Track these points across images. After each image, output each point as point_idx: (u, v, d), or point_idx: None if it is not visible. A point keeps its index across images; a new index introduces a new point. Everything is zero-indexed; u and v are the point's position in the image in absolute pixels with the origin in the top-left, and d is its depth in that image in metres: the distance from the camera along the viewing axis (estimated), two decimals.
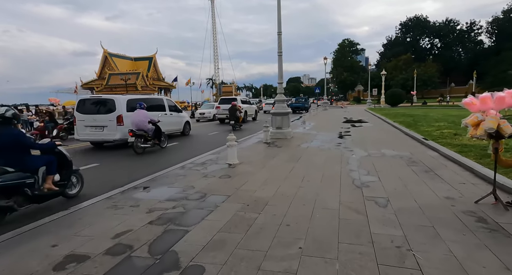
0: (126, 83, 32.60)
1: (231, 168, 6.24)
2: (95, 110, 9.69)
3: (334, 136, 10.77)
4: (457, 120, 12.86)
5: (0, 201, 3.50)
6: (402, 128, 11.49)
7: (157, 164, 7.16)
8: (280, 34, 10.65)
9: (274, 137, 10.63)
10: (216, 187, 4.82)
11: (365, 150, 7.75)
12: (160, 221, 3.46)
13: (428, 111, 22.21)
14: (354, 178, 5.11)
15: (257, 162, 6.73)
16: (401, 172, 5.36)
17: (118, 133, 9.32)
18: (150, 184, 5.10)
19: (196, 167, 6.40)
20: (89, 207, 4.02)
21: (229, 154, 6.71)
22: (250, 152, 8.00)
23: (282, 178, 5.24)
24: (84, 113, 9.68)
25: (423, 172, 5.29)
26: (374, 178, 5.04)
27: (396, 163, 6.11)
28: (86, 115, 9.63)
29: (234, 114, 15.20)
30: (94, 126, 9.56)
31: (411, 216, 3.38)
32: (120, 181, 5.45)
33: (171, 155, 8.51)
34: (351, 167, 5.94)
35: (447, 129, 10.09)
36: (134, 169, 6.80)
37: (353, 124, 14.95)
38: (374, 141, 9.24)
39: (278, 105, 11.08)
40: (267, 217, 3.49)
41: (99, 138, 9.69)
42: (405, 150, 7.48)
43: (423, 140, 8.46)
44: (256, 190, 4.58)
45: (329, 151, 7.81)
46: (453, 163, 5.83)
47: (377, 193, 4.26)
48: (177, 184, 5.05)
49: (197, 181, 5.22)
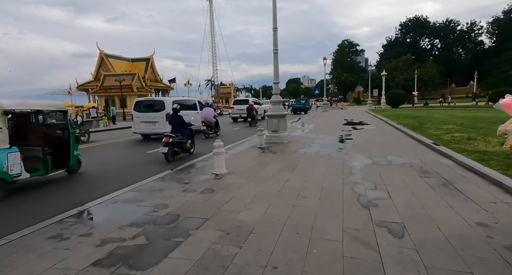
0: (121, 84, 31.74)
1: (217, 179, 5.44)
2: (148, 109, 12.06)
3: (335, 140, 9.97)
4: (466, 123, 12.08)
5: (175, 149, 7.61)
6: (408, 131, 10.68)
7: (156, 167, 6.35)
8: (275, 30, 9.88)
9: (269, 141, 9.83)
10: (194, 206, 4.01)
11: (369, 156, 6.95)
12: (109, 260, 2.64)
13: (432, 113, 21.41)
14: (359, 193, 4.30)
15: (248, 171, 5.93)
16: (414, 186, 4.56)
17: (166, 127, 10.54)
18: (118, 200, 4.30)
19: (179, 174, 5.58)
20: (26, 238, 3.19)
21: (216, 162, 5.92)
22: (242, 159, 7.20)
23: (274, 193, 4.44)
24: (139, 111, 12.14)
25: (440, 186, 4.49)
26: (383, 194, 4.23)
27: (406, 174, 5.30)
28: (141, 113, 12.07)
29: (251, 113, 18.04)
30: (147, 121, 11.93)
31: (439, 254, 2.57)
32: (89, 195, 4.65)
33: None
34: (354, 178, 5.14)
35: (457, 132, 9.28)
36: (115, 176, 5.98)
37: (354, 127, 14.15)
38: (378, 145, 8.44)
39: (274, 107, 10.29)
40: (250, 254, 2.68)
41: (152, 131, 12.03)
42: (414, 157, 6.68)
43: (433, 145, 7.66)
44: (241, 210, 3.78)
45: (329, 158, 7.00)
46: (474, 174, 5.02)
47: (389, 216, 3.45)
48: (148, 201, 4.23)
49: (174, 197, 4.41)
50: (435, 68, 59.50)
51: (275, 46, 9.93)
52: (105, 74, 38.93)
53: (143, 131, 12.21)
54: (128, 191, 4.78)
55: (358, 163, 6.33)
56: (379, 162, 6.32)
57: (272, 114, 10.07)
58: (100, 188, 5.28)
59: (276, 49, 9.94)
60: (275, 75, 10.08)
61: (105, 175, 6.46)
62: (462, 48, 73.65)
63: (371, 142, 9.18)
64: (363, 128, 13.69)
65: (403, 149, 7.83)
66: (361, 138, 10.10)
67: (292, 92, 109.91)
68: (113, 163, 7.79)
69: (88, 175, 6.49)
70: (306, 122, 16.28)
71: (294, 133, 12.22)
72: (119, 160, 8.20)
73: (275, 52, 9.97)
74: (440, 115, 18.19)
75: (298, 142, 9.78)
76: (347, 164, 6.22)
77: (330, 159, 6.87)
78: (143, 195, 4.56)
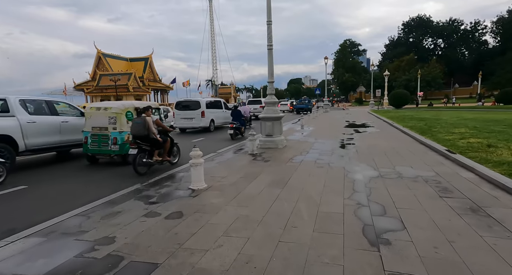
0: (116, 84, 30.83)
1: (192, 197, 4.50)
2: (187, 108, 14.94)
3: (335, 145, 9.01)
4: (479, 126, 11.07)
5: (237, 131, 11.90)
6: (416, 136, 9.70)
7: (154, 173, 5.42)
8: (270, 24, 8.92)
9: (263, 146, 8.89)
10: (150, 240, 3.06)
11: (374, 167, 6.00)
12: None
13: (438, 114, 20.37)
14: (364, 222, 3.35)
15: (231, 186, 4.99)
16: (434, 211, 3.60)
17: (201, 122, 14.69)
18: (56, 230, 3.36)
19: (149, 190, 4.63)
20: None
21: (193, 176, 4.99)
22: (228, 169, 6.26)
23: (257, 220, 3.49)
24: (179, 110, 15.19)
25: (468, 212, 3.53)
26: (396, 223, 3.28)
27: (422, 192, 4.34)
28: (181, 111, 15.04)
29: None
30: (186, 118, 14.82)
31: None
32: (31, 219, 3.71)
33: None
34: (358, 197, 4.19)
35: (473, 137, 8.29)
36: (87, 188, 5.04)
37: (356, 130, 13.18)
38: (384, 152, 7.48)
39: (268, 109, 9.32)
40: None
41: (189, 126, 15.00)
42: (427, 168, 5.73)
43: (447, 152, 6.69)
44: (208, 249, 2.83)
45: (328, 169, 6.05)
46: (508, 194, 4.05)
47: (407, 263, 2.50)
48: (93, 232, 3.29)
49: (129, 225, 3.47)
50: (438, 68, 58.40)
51: (270, 41, 8.97)
52: (101, 74, 38.04)
53: (182, 125, 14.94)
54: (75, 215, 3.84)
55: (361, 175, 5.37)
56: (386, 175, 5.36)
57: (266, 117, 9.12)
58: (57, 205, 4.36)
59: (270, 44, 8.98)
60: (270, 73, 9.13)
61: (76, 187, 5.51)
62: (465, 48, 72.49)
63: (376, 148, 8.21)
64: (366, 131, 12.72)
65: (413, 157, 6.87)
66: (364, 143, 9.13)
67: (294, 92, 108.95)
68: (97, 171, 6.87)
69: (62, 185, 5.56)
70: (305, 124, 15.31)
71: (291, 137, 11.27)
72: (102, 168, 7.27)
73: (270, 48, 9.02)
74: (447, 116, 17.16)
75: (294, 147, 8.83)
76: (349, 177, 5.27)
77: (330, 170, 5.92)
78: (90, 222, 3.62)
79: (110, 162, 7.54)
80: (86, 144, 7.27)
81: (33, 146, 7.13)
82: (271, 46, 9.01)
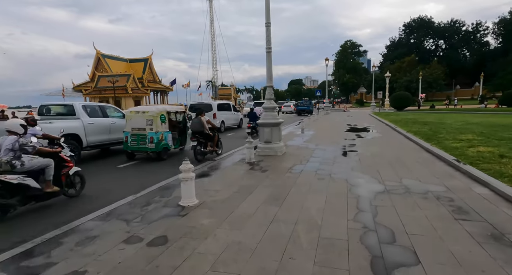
0: (114, 86, 30.43)
1: (180, 216, 4.09)
2: (199, 110, 16.87)
3: (337, 152, 8.59)
4: (486, 131, 10.64)
5: (253, 129, 13.13)
6: (421, 143, 9.26)
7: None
8: (268, 26, 8.52)
9: (261, 153, 8.48)
10: None
11: (380, 179, 5.59)
12: None
13: (441, 117, 19.91)
14: (371, 253, 2.94)
15: (224, 202, 4.58)
16: (451, 238, 3.19)
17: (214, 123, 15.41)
18: (15, 262, 2.96)
19: (135, 206, 4.22)
20: None
21: (183, 191, 4.58)
22: (222, 181, 5.85)
23: (250, 249, 3.08)
24: (192, 112, 14.69)
25: (490, 241, 3.11)
26: (408, 256, 2.87)
27: (434, 212, 3.93)
28: (194, 113, 17.35)
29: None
30: None
31: None
32: None
33: None
34: (363, 219, 3.77)
35: (482, 145, 7.86)
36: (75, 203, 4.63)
37: (358, 134, 12.75)
38: (389, 162, 7.07)
39: (266, 114, 8.92)
40: None
41: None
42: (437, 181, 5.31)
43: (455, 163, 6.28)
44: None
45: (330, 180, 5.64)
46: None
47: None
48: (61, 265, 2.89)
49: (104, 254, 3.06)
50: (439, 69, 57.93)
51: (268, 44, 8.56)
52: (99, 75, 37.68)
53: None
54: (47, 239, 3.44)
55: (366, 190, 4.96)
56: (393, 190, 4.95)
57: (265, 123, 8.71)
58: (39, 226, 3.95)
59: (269, 47, 8.57)
60: (268, 77, 8.72)
61: (64, 204, 5.09)
62: (467, 49, 72.00)
63: (380, 156, 7.79)
64: (369, 136, 12.30)
65: (420, 168, 6.45)
66: (367, 151, 8.71)
67: (294, 93, 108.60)
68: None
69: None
70: (306, 127, 14.90)
71: (291, 142, 10.87)
72: None
73: (268, 51, 8.60)
74: (451, 120, 16.71)
75: (294, 154, 8.42)
76: (352, 192, 4.85)
77: (331, 183, 5.50)
78: (61, 250, 3.21)
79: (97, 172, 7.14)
80: (126, 142, 8.48)
81: (92, 143, 8.89)
82: (270, 49, 8.60)
